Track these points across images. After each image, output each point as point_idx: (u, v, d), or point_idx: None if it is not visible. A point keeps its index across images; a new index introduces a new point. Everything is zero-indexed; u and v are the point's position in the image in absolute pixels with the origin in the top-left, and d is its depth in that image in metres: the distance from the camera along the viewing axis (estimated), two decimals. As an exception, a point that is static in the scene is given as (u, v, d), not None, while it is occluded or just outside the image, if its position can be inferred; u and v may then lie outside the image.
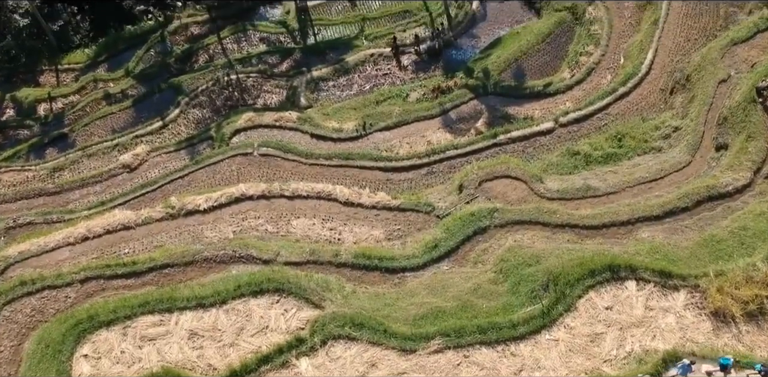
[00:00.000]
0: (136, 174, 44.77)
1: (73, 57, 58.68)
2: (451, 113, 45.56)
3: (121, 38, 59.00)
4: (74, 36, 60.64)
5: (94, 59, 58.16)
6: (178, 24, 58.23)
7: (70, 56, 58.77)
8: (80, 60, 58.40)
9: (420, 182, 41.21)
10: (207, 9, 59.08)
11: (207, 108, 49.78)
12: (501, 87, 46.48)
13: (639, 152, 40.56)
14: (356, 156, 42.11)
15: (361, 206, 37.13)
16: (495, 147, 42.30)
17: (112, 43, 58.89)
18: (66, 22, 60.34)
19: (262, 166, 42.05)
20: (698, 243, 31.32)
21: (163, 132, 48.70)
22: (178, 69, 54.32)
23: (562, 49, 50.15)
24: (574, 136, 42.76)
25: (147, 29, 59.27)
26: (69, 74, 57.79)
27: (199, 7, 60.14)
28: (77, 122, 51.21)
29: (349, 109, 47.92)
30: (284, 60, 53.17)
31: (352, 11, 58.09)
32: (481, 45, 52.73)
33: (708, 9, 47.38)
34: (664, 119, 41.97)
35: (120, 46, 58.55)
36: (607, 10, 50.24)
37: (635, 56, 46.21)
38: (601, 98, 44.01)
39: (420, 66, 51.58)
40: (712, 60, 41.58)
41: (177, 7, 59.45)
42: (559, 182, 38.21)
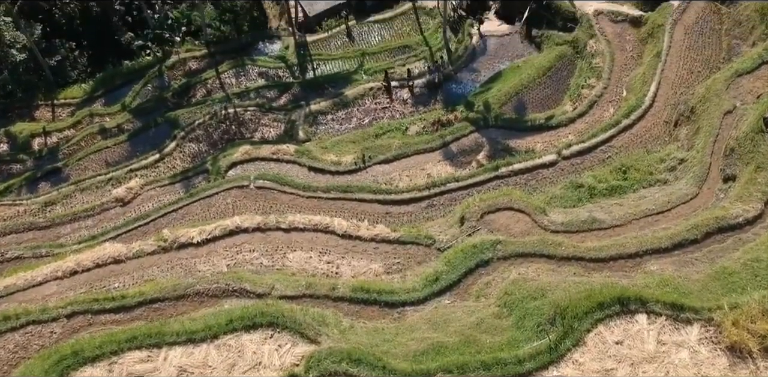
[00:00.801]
0: (129, 208, 43.69)
1: (70, 92, 58.23)
2: (451, 145, 44.77)
3: (118, 73, 58.68)
4: (72, 71, 60.24)
5: (90, 94, 57.69)
6: (177, 59, 57.86)
7: (66, 91, 58.34)
8: (77, 95, 57.93)
9: (420, 215, 40.15)
10: (206, 44, 59.01)
11: (203, 142, 49.00)
12: (502, 120, 45.80)
13: (644, 185, 39.58)
14: (355, 189, 41.12)
15: (360, 239, 35.94)
16: (497, 180, 41.38)
17: (110, 79, 58.52)
18: (64, 57, 60.03)
19: (259, 199, 41.03)
20: (710, 276, 30.04)
21: (158, 166, 47.83)
22: (175, 103, 53.76)
23: (564, 83, 49.65)
24: (577, 168, 41.89)
25: (145, 65, 58.94)
26: (65, 109, 57.21)
27: (198, 43, 60.04)
28: (71, 157, 50.42)
29: (347, 142, 47.16)
30: (282, 94, 52.67)
31: (351, 46, 57.77)
32: (481, 79, 52.31)
33: (710, 42, 47.07)
34: (669, 151, 41.15)
35: (117, 82, 58.17)
36: (609, 44, 49.86)
37: (638, 89, 45.63)
38: (604, 131, 43.26)
39: (420, 100, 51.04)
40: (717, 91, 40.89)
41: (175, 43, 59.19)
42: (563, 214, 37.11)
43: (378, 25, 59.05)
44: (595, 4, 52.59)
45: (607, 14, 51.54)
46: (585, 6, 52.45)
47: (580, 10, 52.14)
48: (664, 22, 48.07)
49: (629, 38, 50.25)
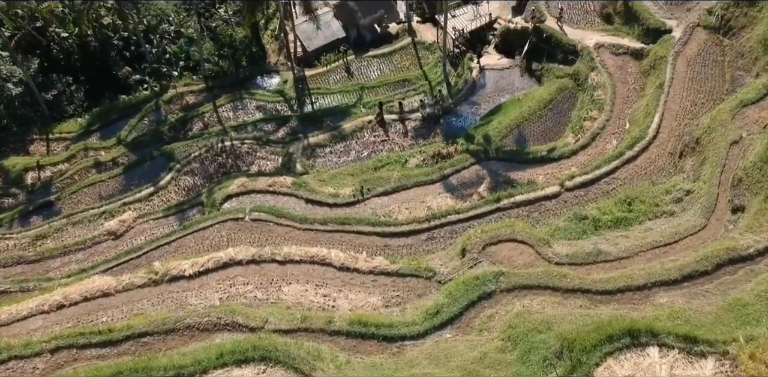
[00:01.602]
0: (121, 241, 42.58)
1: (65, 126, 57.51)
2: (451, 178, 43.88)
3: (114, 108, 58.07)
4: (68, 106, 59.59)
5: (86, 128, 56.99)
6: (174, 93, 57.34)
7: (62, 125, 57.62)
8: (72, 129, 57.19)
9: (420, 248, 39.01)
10: (203, 79, 58.55)
11: (199, 175, 48.09)
12: (503, 152, 45.01)
13: (650, 217, 38.48)
14: (353, 221, 40.08)
15: (358, 272, 34.77)
16: (498, 212, 40.36)
17: (106, 113, 57.89)
18: (60, 91, 59.50)
19: (254, 231, 39.94)
20: (722, 308, 28.82)
21: (152, 199, 46.87)
22: (172, 137, 53.04)
23: (565, 115, 48.97)
24: (581, 200, 40.88)
25: (142, 99, 58.39)
26: (60, 143, 56.43)
27: (196, 78, 59.62)
28: (64, 190, 49.50)
29: (346, 175, 46.26)
30: (280, 127, 52.00)
31: (349, 81, 57.31)
32: (481, 112, 51.69)
33: (713, 73, 46.57)
34: (674, 182, 40.19)
35: (113, 116, 57.52)
36: (610, 76, 49.31)
37: (641, 121, 44.92)
38: (607, 162, 42.40)
39: (419, 133, 50.33)
40: (722, 121, 40.15)
41: (173, 77, 58.81)
42: (568, 246, 35.98)
43: (377, 59, 58.68)
44: (596, 37, 52.22)
45: (608, 47, 51.11)
46: (585, 39, 52.05)
47: (580, 43, 51.71)
48: (666, 54, 47.58)
49: (631, 71, 49.73)
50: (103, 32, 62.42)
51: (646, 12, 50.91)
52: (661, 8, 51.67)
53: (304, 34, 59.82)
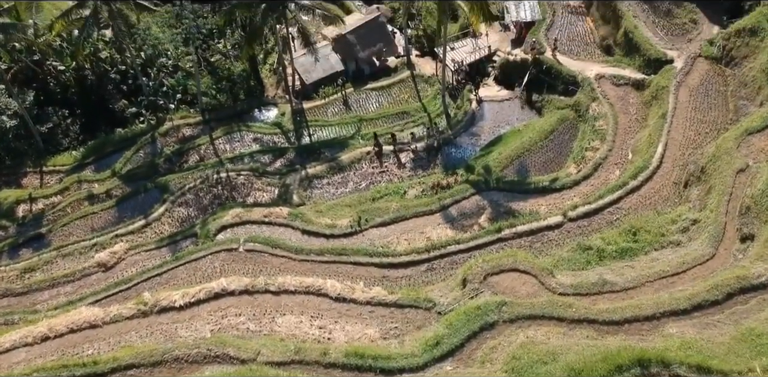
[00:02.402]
0: (111, 273, 41.34)
1: (60, 159, 56.64)
2: (451, 208, 42.88)
3: (110, 141, 57.26)
4: (63, 139, 58.83)
5: (81, 161, 56.07)
6: (170, 126, 56.64)
7: (56, 158, 56.74)
8: (66, 162, 56.32)
9: (419, 279, 37.83)
10: (201, 112, 57.98)
11: (193, 206, 47.13)
12: (504, 182, 44.09)
13: (656, 247, 37.42)
14: (350, 251, 38.96)
15: (354, 302, 33.44)
16: (500, 242, 39.26)
17: (101, 146, 57.06)
18: (56, 124, 58.80)
19: (248, 262, 38.78)
20: (735, 338, 27.54)
21: (145, 231, 45.76)
22: (167, 169, 52.17)
23: (567, 146, 48.20)
24: (584, 231, 39.84)
25: (138, 132, 57.63)
26: (53, 176, 55.49)
27: (193, 111, 59.04)
28: (56, 223, 48.34)
29: (343, 206, 45.27)
30: (277, 159, 51.19)
31: (347, 113, 56.70)
32: (481, 143, 50.95)
33: (716, 103, 46.07)
34: (680, 212, 39.22)
35: (108, 149, 56.63)
36: (612, 107, 48.72)
37: (644, 150, 44.16)
38: (611, 192, 41.49)
39: (418, 164, 49.55)
40: (728, 150, 39.35)
41: (170, 110, 58.24)
42: (572, 277, 34.80)
43: (375, 92, 58.18)
44: (597, 68, 51.82)
45: (608, 78, 50.66)
46: (586, 70, 51.64)
47: (581, 74, 51.27)
48: (668, 84, 47.12)
49: (632, 101, 49.18)
50: (100, 66, 62.03)
51: (647, 43, 50.58)
52: (662, 39, 51.45)
53: (303, 67, 59.47)
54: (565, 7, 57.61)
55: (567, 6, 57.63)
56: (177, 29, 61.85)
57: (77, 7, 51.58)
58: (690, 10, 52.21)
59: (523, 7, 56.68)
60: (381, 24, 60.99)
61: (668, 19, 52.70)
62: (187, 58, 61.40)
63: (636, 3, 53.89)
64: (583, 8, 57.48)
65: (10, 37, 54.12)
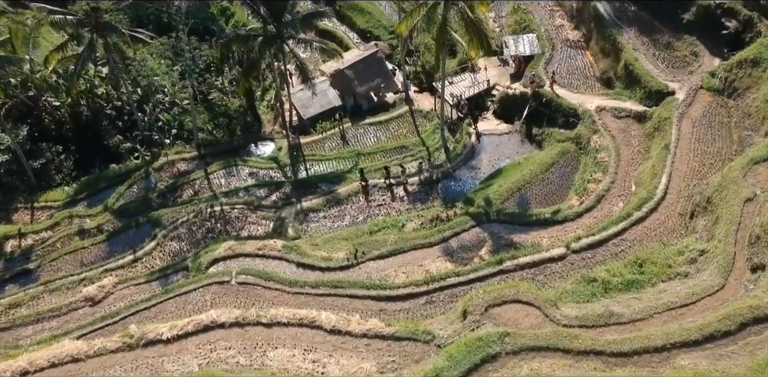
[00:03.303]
0: (99, 308, 39.87)
1: (52, 195, 55.41)
2: (451, 240, 41.68)
3: (103, 177, 56.21)
4: (56, 175, 57.74)
5: (73, 197, 54.89)
6: (165, 161, 55.66)
7: (48, 194, 55.55)
8: (59, 198, 55.13)
9: (418, 312, 36.43)
10: (196, 147, 57.16)
11: (186, 241, 45.87)
12: (504, 214, 42.96)
13: (663, 278, 36.17)
14: (346, 284, 37.66)
15: (350, 335, 32.08)
16: (501, 274, 38.02)
17: (94, 182, 55.90)
18: (49, 160, 57.80)
19: (240, 295, 37.39)
20: (752, 369, 26.26)
21: (135, 266, 44.43)
22: (160, 204, 51.00)
23: (568, 179, 47.27)
24: (588, 263, 38.60)
25: (132, 168, 56.62)
26: (45, 212, 54.25)
27: (189, 146, 58.22)
28: (44, 258, 46.97)
29: (340, 239, 44.05)
30: (273, 193, 50.09)
31: (345, 148, 55.87)
32: (480, 176, 50.00)
33: (720, 134, 45.38)
34: (687, 243, 38.04)
35: (101, 184, 55.47)
36: (613, 139, 47.93)
37: (648, 182, 43.19)
38: (615, 223, 40.38)
39: (417, 197, 48.49)
40: (734, 179, 38.39)
41: (165, 145, 57.42)
42: (577, 309, 33.45)
43: (374, 127, 57.42)
44: (597, 100, 51.21)
45: (609, 110, 50.03)
46: (586, 103, 51.02)
47: (581, 106, 50.62)
48: (670, 115, 46.47)
49: (634, 133, 48.43)
50: (96, 102, 61.43)
51: (648, 75, 50.11)
52: (663, 71, 51.04)
53: (300, 102, 58.91)
54: (564, 41, 57.40)
55: (566, 40, 57.43)
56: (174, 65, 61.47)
57: (73, 41, 51.18)
58: (690, 43, 51.86)
59: (522, 41, 56.41)
60: (379, 59, 60.62)
61: (668, 52, 52.35)
62: (184, 95, 60.75)
63: (636, 36, 53.64)
64: (582, 42, 57.25)
65: (5, 71, 53.60)
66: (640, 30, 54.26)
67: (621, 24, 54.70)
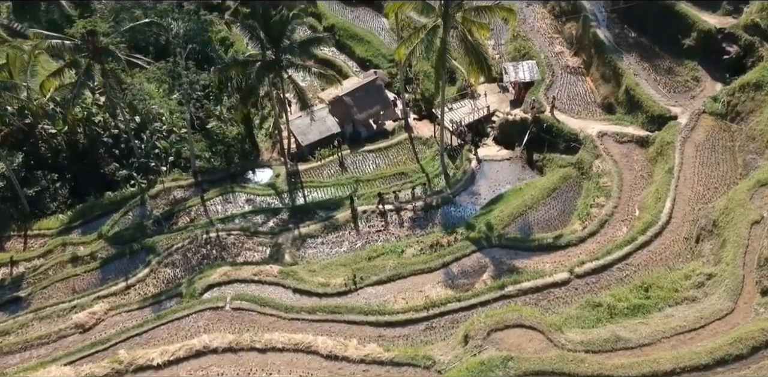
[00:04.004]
0: (89, 335, 38.62)
1: (45, 223, 54.47)
2: (451, 266, 40.74)
3: (98, 204, 55.38)
4: (50, 203, 56.85)
5: (67, 225, 53.97)
6: (161, 188, 54.87)
7: (41, 222, 54.65)
8: (52, 226, 54.20)
9: (417, 338, 35.29)
10: (193, 174, 56.46)
11: (180, 267, 44.88)
12: (506, 239, 42.10)
13: (670, 303, 35.25)
14: (343, 309, 36.64)
15: (347, 361, 31.12)
16: (503, 299, 37.00)
17: (89, 210, 55.06)
18: (44, 188, 57.00)
19: (234, 321, 36.28)
20: (767, 393, 25.07)
21: (128, 292, 43.37)
22: (156, 231, 50.07)
23: (570, 204, 46.47)
24: (593, 288, 37.66)
25: (127, 196, 55.81)
26: (38, 240, 53.28)
27: (185, 174, 57.52)
28: (35, 285, 45.95)
29: (338, 265, 43.00)
30: (270, 219, 49.23)
31: (344, 174, 55.15)
32: (481, 202, 49.16)
33: (724, 158, 44.82)
34: (694, 267, 37.21)
35: (96, 212, 54.62)
36: (616, 164, 47.28)
37: (652, 206, 42.43)
38: (619, 248, 39.59)
39: (417, 223, 47.56)
40: (741, 201, 37.68)
41: (161, 172, 56.71)
42: (582, 334, 32.47)
43: (373, 154, 56.75)
44: (598, 126, 50.68)
45: (611, 135, 49.51)
46: (587, 128, 50.47)
47: (582, 131, 50.05)
48: (673, 139, 45.95)
49: (637, 158, 47.81)
50: (93, 130, 60.89)
51: (650, 99, 49.67)
52: (665, 96, 50.59)
53: (299, 129, 58.39)
54: (564, 67, 57.06)
55: (566, 67, 57.08)
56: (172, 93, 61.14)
57: (69, 66, 50.87)
58: (691, 68, 51.53)
59: (522, 68, 56.08)
60: (378, 87, 60.23)
61: (670, 77, 51.99)
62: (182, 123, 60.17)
63: (636, 62, 53.34)
64: (582, 68, 56.92)
65: (1, 98, 53.12)
66: (641, 56, 53.99)
67: (621, 50, 54.40)
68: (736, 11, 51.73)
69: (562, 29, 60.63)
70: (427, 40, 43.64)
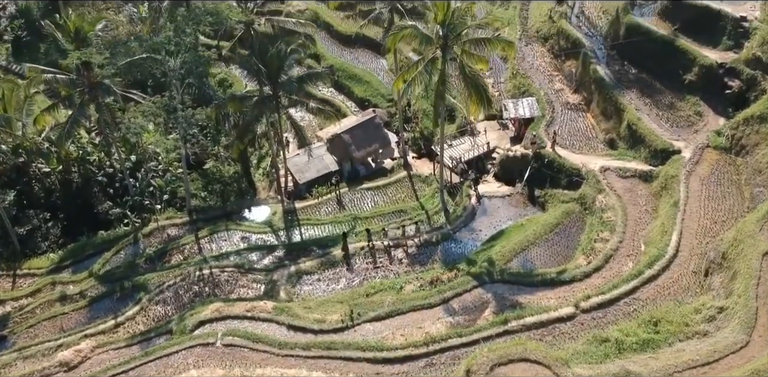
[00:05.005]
0: (74, 373, 37.11)
1: (35, 262, 53.00)
2: (452, 302, 39.50)
3: (90, 244, 54.09)
4: (42, 242, 55.55)
5: (58, 264, 52.53)
6: (155, 226, 53.67)
7: (31, 261, 53.25)
8: (42, 265, 52.69)
9: (417, 375, 33.86)
10: (188, 212, 55.32)
11: (171, 305, 43.46)
12: (509, 274, 40.93)
13: (681, 338, 34.05)
14: (340, 346, 35.26)
15: (343, 396, 29.41)
16: (506, 335, 35.60)
17: (80, 249, 53.72)
18: (35, 227, 55.82)
19: (225, 357, 34.86)
20: (790, 427, 23.51)
21: (117, 331, 41.86)
22: (148, 269, 48.72)
23: (574, 239, 45.30)
24: (599, 323, 36.35)
25: (120, 235, 54.55)
26: (27, 280, 51.81)
27: (180, 212, 56.41)
28: (21, 324, 44.41)
29: (334, 302, 41.56)
30: (265, 257, 47.97)
31: (341, 212, 54.02)
32: (482, 238, 47.95)
33: (731, 191, 43.94)
34: (704, 301, 36.03)
35: (88, 251, 53.26)
36: (619, 198, 46.27)
37: (658, 240, 41.35)
38: (626, 282, 38.48)
39: (416, 259, 46.30)
40: (750, 233, 36.62)
41: (156, 211, 55.60)
42: (590, 369, 31.04)
43: (371, 192, 55.72)
44: (600, 161, 49.80)
45: (614, 170, 48.61)
46: (589, 163, 49.58)
47: (585, 166, 49.14)
48: (678, 173, 45.15)
49: (641, 193, 46.82)
50: (88, 169, 60.06)
51: (652, 134, 48.97)
52: (667, 131, 49.86)
53: (296, 166, 57.56)
54: (565, 104, 56.52)
55: (566, 103, 56.55)
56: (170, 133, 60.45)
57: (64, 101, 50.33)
58: (694, 103, 50.87)
59: (522, 104, 55.52)
60: (377, 125, 59.59)
61: (672, 112, 51.33)
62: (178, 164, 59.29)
63: (637, 97, 52.79)
64: (582, 105, 56.36)
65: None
66: (642, 91, 53.46)
67: (622, 86, 53.90)
68: (736, 46, 51.30)
69: (561, 67, 60.32)
70: (426, 72, 43.05)
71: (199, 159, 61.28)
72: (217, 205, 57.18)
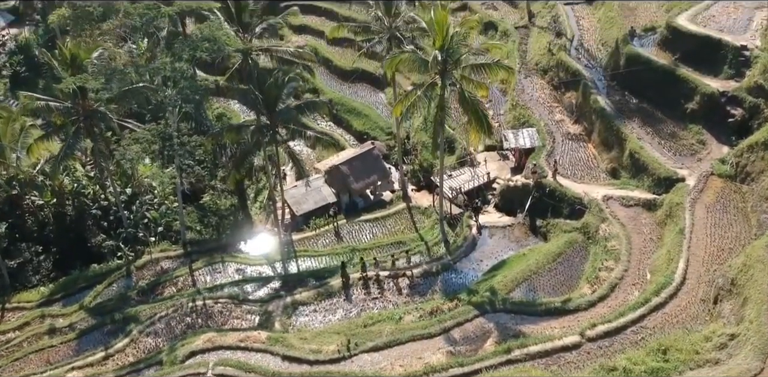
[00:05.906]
0: (58, 406, 35.64)
1: (25, 296, 51.88)
2: (453, 331, 38.22)
3: (81, 277, 52.89)
4: (32, 276, 54.41)
5: (48, 297, 51.30)
6: (148, 259, 52.53)
7: (21, 295, 52.05)
8: (33, 299, 51.50)
9: (416, 406, 32.31)
10: (182, 245, 54.25)
11: (163, 337, 42.16)
12: (511, 303, 39.71)
13: (692, 366, 32.56)
14: (336, 375, 33.69)
15: (338, 427, 27.94)
16: (509, 364, 34.22)
17: (72, 283, 52.53)
18: (26, 260, 54.78)
19: (217, 388, 33.35)
20: None
21: (106, 363, 40.48)
22: (140, 301, 47.49)
23: (577, 269, 44.19)
24: (606, 351, 35.04)
25: (113, 268, 53.37)
26: (16, 313, 50.55)
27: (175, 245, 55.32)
28: (6, 358, 43.03)
29: (331, 333, 40.27)
30: (261, 288, 46.76)
31: (339, 244, 52.95)
32: (483, 268, 46.79)
33: (737, 219, 42.89)
34: (714, 329, 34.64)
35: (80, 284, 52.09)
36: (623, 227, 45.21)
37: (664, 267, 40.23)
38: (633, 310, 37.18)
39: (416, 290, 45.12)
40: (760, 258, 35.53)
41: (149, 243, 54.51)
42: (598, 398, 29.55)
43: (369, 223, 54.74)
44: (603, 190, 48.91)
45: (617, 199, 47.66)
46: (592, 192, 48.65)
47: (587, 196, 48.22)
48: (682, 200, 44.13)
49: (645, 221, 45.79)
50: (82, 201, 59.19)
51: (655, 162, 48.15)
52: (670, 159, 49.04)
53: (293, 198, 56.68)
54: (565, 134, 55.92)
55: (567, 134, 55.96)
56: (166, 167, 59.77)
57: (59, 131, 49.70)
58: (696, 132, 50.11)
59: (522, 135, 54.90)
60: (376, 156, 58.94)
61: (674, 141, 50.54)
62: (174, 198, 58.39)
63: (639, 126, 52.12)
64: (583, 135, 55.73)
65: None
66: (643, 121, 52.77)
67: (623, 116, 53.30)
68: (738, 75, 50.70)
69: (561, 98, 59.91)
70: (426, 97, 42.46)
71: (195, 190, 60.39)
72: (212, 238, 56.18)
